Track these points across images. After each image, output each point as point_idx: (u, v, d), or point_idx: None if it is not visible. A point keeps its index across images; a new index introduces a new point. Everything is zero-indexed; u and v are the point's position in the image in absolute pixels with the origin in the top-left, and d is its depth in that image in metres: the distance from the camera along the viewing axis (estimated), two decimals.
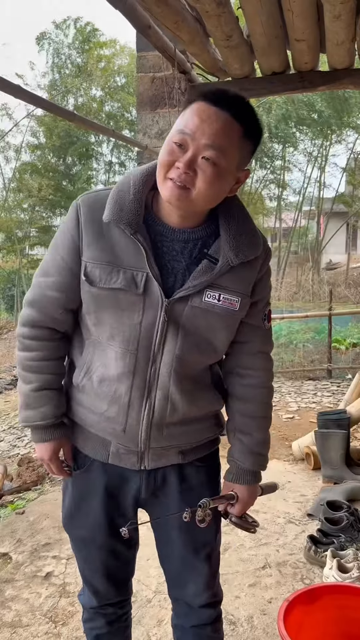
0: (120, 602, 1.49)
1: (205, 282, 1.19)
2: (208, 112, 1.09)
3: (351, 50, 3.05)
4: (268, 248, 1.30)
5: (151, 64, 3.36)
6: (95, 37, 13.82)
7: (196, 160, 1.10)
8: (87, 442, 1.33)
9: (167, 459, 1.31)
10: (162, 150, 1.13)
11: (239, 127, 1.11)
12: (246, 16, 2.64)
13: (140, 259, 1.17)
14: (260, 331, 1.33)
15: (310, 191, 16.11)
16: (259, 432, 1.36)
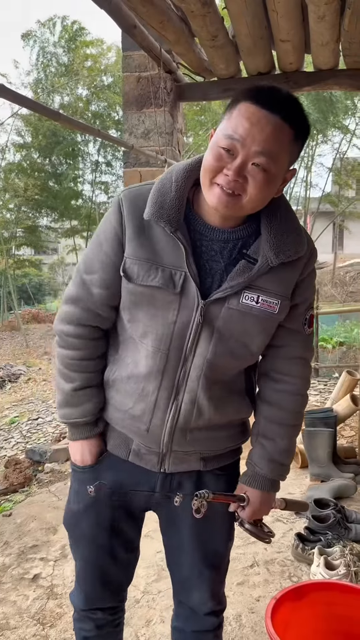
0: (112, 608, 1.44)
1: (243, 283, 1.14)
2: (258, 115, 1.02)
3: (335, 51, 3.08)
4: (313, 247, 1.23)
5: (137, 63, 3.36)
6: (81, 36, 13.75)
7: (246, 166, 1.05)
8: (109, 438, 1.32)
9: (188, 465, 1.28)
10: (208, 154, 1.08)
11: (289, 130, 1.05)
12: (231, 16, 2.65)
13: (179, 258, 1.14)
14: (300, 336, 1.26)
15: (297, 191, 16.19)
16: (284, 440, 1.29)
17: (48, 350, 10.79)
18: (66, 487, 3.42)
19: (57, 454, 4.09)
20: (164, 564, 2.30)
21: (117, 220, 1.18)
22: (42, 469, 3.96)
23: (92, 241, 1.25)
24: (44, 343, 11.91)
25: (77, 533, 1.38)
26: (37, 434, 5.29)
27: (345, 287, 13.99)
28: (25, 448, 4.61)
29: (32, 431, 5.42)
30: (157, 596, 2.21)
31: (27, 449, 4.40)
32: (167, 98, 3.37)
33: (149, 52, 3.07)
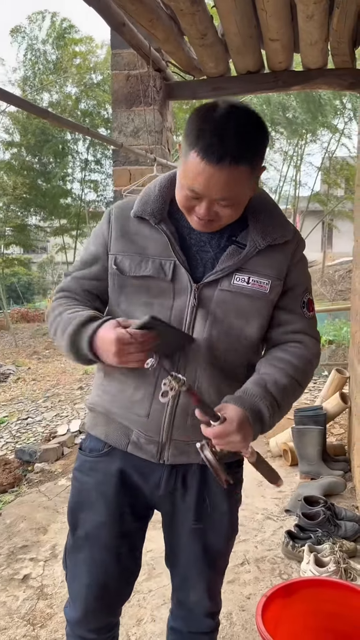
0: (107, 626, 1.40)
1: (234, 265, 1.21)
2: (210, 171, 1.06)
3: (324, 50, 3.08)
4: (300, 237, 1.30)
5: (126, 61, 3.35)
6: (70, 33, 13.65)
7: (213, 206, 1.13)
8: (108, 429, 1.31)
9: (187, 456, 1.27)
10: (179, 192, 1.16)
11: (244, 167, 1.08)
12: (220, 15, 2.64)
13: (166, 248, 1.22)
14: (300, 317, 1.28)
15: (286, 190, 16.23)
16: (280, 374, 1.20)
17: (37, 350, 10.74)
18: (56, 486, 3.42)
19: (46, 454, 4.07)
20: (155, 563, 2.31)
21: (106, 224, 1.29)
22: (31, 469, 3.94)
23: (85, 249, 1.37)
24: (33, 342, 11.85)
25: (79, 532, 1.34)
26: (27, 434, 5.26)
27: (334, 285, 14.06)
28: (15, 448, 4.59)
29: (21, 431, 5.39)
30: (147, 595, 2.21)
31: (16, 449, 4.37)
32: (157, 96, 3.36)
33: (138, 50, 3.06)
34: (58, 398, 6.59)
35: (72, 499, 1.36)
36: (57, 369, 8.65)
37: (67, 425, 5.08)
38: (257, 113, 1.12)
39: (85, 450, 1.36)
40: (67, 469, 3.85)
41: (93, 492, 1.31)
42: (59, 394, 6.78)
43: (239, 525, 1.48)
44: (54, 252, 19.33)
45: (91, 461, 1.33)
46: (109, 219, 1.29)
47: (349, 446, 3.70)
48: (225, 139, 1.05)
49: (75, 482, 1.36)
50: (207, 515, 1.32)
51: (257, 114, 1.12)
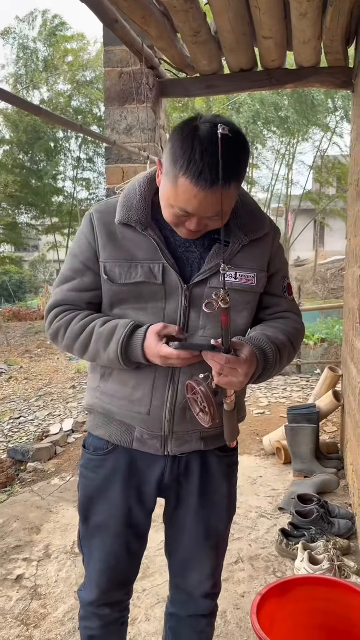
0: (119, 602, 1.48)
1: (220, 263, 1.21)
2: (203, 195, 1.09)
3: (317, 48, 3.08)
4: (275, 226, 1.36)
5: (118, 58, 3.33)
6: (62, 30, 13.59)
7: (204, 221, 1.17)
8: (111, 429, 1.34)
9: (189, 445, 1.32)
10: (166, 209, 1.18)
11: (232, 186, 1.13)
12: (214, 12, 2.63)
13: (154, 252, 1.24)
14: (282, 299, 1.36)
15: (278, 188, 16.28)
16: (280, 336, 1.27)
17: (29, 348, 10.69)
18: (49, 485, 3.40)
19: (39, 453, 4.05)
20: (149, 561, 2.31)
21: (89, 231, 1.28)
22: (24, 468, 3.91)
23: (67, 256, 1.35)
24: (25, 341, 11.80)
25: (91, 523, 1.40)
26: (19, 433, 5.23)
27: (326, 283, 14.12)
28: (7, 447, 4.56)
29: (13, 430, 5.36)
30: (142, 594, 2.21)
31: (8, 448, 4.35)
32: (149, 94, 3.35)
33: (131, 47, 3.04)
34: (50, 397, 6.56)
35: (82, 494, 1.42)
36: (49, 368, 8.62)
37: (59, 424, 5.05)
38: (238, 128, 1.13)
39: (89, 448, 1.40)
40: (60, 468, 3.83)
41: (101, 487, 1.37)
42: (51, 393, 6.76)
43: (233, 523, 1.53)
44: (46, 250, 19.25)
45: (97, 459, 1.38)
46: (91, 224, 1.28)
47: (341, 444, 3.71)
48: (215, 164, 1.05)
49: (83, 479, 1.42)
50: (209, 498, 1.39)
51: (239, 130, 1.13)
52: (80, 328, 1.27)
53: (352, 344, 3.04)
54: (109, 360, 1.25)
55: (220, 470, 1.39)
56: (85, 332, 1.26)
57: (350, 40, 3.12)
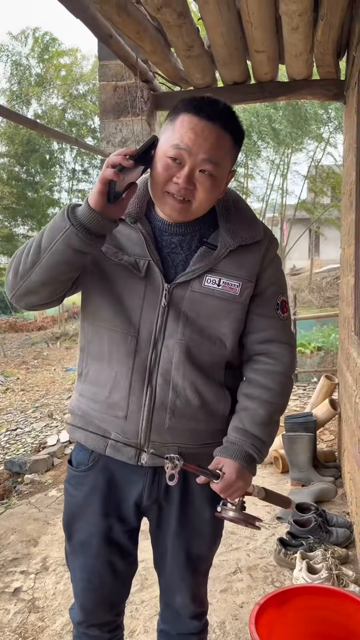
0: (108, 623, 1.43)
1: (205, 266, 1.22)
2: (202, 125, 1.11)
3: (309, 61, 3.13)
4: (272, 235, 1.31)
5: (113, 72, 3.37)
6: (54, 47, 13.74)
7: (194, 173, 1.14)
8: (87, 433, 1.30)
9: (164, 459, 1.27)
10: (156, 166, 1.15)
11: (229, 137, 1.15)
12: (206, 27, 2.68)
13: (142, 248, 1.21)
14: (273, 321, 1.29)
15: (273, 198, 16.37)
16: (260, 412, 1.26)
17: (26, 360, 10.67)
18: (47, 497, 3.39)
19: (36, 465, 4.04)
20: (147, 573, 2.30)
21: None
22: (21, 480, 3.90)
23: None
24: (22, 352, 11.78)
25: (73, 541, 1.37)
26: (16, 445, 5.22)
27: (322, 292, 14.16)
28: (4, 459, 4.55)
29: (10, 442, 5.35)
30: (140, 606, 2.20)
31: (5, 461, 4.34)
32: (144, 107, 3.39)
33: (125, 61, 3.08)
34: (47, 408, 6.55)
35: (65, 511, 1.39)
36: (46, 379, 8.60)
37: (56, 436, 5.05)
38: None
39: (73, 463, 1.37)
40: (58, 479, 3.82)
41: (82, 504, 1.33)
42: (48, 404, 6.75)
43: (231, 533, 1.51)
44: None
45: (79, 475, 1.34)
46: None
47: (339, 452, 3.71)
48: (217, 104, 1.15)
49: (67, 495, 1.39)
50: (190, 524, 1.34)
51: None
52: (29, 241, 1.18)
53: (348, 352, 3.06)
54: (54, 229, 1.11)
55: (202, 496, 1.31)
56: (32, 239, 1.18)
57: (342, 54, 3.17)
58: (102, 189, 1.06)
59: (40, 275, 1.14)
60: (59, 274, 1.15)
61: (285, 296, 1.34)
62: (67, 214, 1.09)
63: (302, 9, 2.38)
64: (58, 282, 1.18)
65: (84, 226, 1.08)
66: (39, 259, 1.13)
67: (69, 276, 1.18)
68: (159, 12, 2.39)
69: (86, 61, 14.27)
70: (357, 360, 2.51)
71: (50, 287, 1.18)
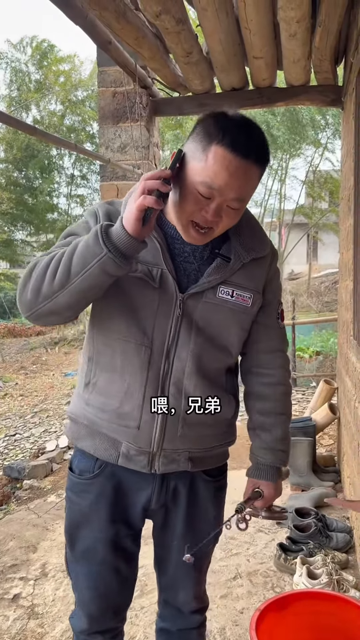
0: (112, 630, 1.43)
1: (220, 278, 1.23)
2: (236, 164, 1.08)
3: (307, 67, 3.15)
4: (274, 248, 1.35)
5: (112, 78, 3.39)
6: (52, 54, 13.82)
7: (222, 208, 1.13)
8: (97, 443, 1.29)
9: (177, 465, 1.29)
10: (186, 196, 1.12)
11: (258, 170, 1.13)
12: (205, 34, 2.69)
13: (155, 255, 1.20)
14: (275, 330, 1.37)
15: (271, 203, 16.40)
16: (278, 428, 1.37)
17: (25, 365, 10.66)
18: (46, 503, 3.38)
19: (35, 470, 4.03)
20: (147, 579, 2.29)
21: (93, 221, 1.23)
22: (20, 485, 3.89)
23: (63, 235, 1.25)
24: (21, 357, 11.76)
25: (77, 549, 1.36)
26: (15, 451, 5.20)
27: (321, 297, 14.17)
28: (3, 465, 4.53)
29: (9, 447, 5.33)
30: (140, 612, 2.19)
31: (4, 466, 4.33)
32: (143, 112, 3.40)
33: (124, 67, 3.10)
34: (46, 413, 6.53)
35: (68, 518, 1.37)
36: (44, 384, 8.59)
37: (55, 441, 5.03)
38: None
39: (75, 471, 1.35)
40: (57, 485, 3.81)
41: (87, 512, 1.32)
42: (47, 410, 6.73)
43: (230, 538, 1.54)
44: None
45: (83, 483, 1.32)
46: (96, 217, 1.23)
47: (338, 457, 3.71)
48: (252, 136, 1.11)
49: (69, 503, 1.37)
50: (196, 524, 1.37)
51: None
52: (49, 259, 1.14)
53: (347, 356, 3.06)
54: (88, 255, 1.07)
55: (208, 496, 1.38)
56: (54, 258, 1.13)
57: (339, 60, 3.19)
58: (140, 216, 1.06)
59: (68, 298, 1.12)
60: (89, 297, 1.15)
61: (282, 306, 1.40)
62: (102, 240, 1.07)
63: (300, 16, 2.40)
64: (85, 304, 1.18)
65: (121, 252, 1.07)
66: (69, 282, 1.10)
67: (95, 298, 1.19)
68: (158, 18, 2.41)
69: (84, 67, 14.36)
70: (356, 365, 2.51)
71: (76, 308, 1.17)
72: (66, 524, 1.38)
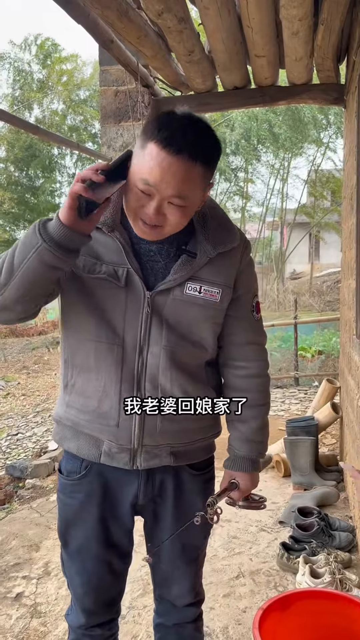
0: (109, 621, 1.46)
1: (186, 275, 1.23)
2: (168, 161, 1.07)
3: (309, 66, 3.14)
4: (246, 239, 1.33)
5: (114, 77, 3.39)
6: (56, 53, 13.83)
7: (163, 205, 1.12)
8: (79, 442, 1.31)
9: (159, 460, 1.30)
10: (129, 193, 1.14)
11: (200, 167, 1.11)
12: (207, 33, 2.69)
13: (120, 256, 1.21)
14: (249, 322, 1.35)
15: (273, 202, 16.43)
16: (255, 420, 1.37)
17: (27, 365, 10.66)
18: (48, 502, 3.38)
19: (38, 470, 4.03)
20: (149, 578, 2.29)
21: None
22: (23, 485, 3.89)
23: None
24: (23, 357, 11.77)
25: (70, 548, 1.39)
26: (17, 450, 5.20)
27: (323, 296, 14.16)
28: (5, 464, 4.54)
29: (11, 447, 5.33)
30: (142, 611, 2.19)
31: (7, 465, 4.33)
32: (145, 112, 3.40)
33: (126, 66, 3.10)
34: (48, 413, 6.54)
35: (60, 519, 1.40)
36: (47, 384, 8.59)
37: None
38: (209, 125, 1.16)
39: (64, 473, 1.37)
40: None
41: (78, 511, 1.35)
42: (49, 409, 6.73)
43: (233, 537, 1.53)
44: None
45: (72, 484, 1.35)
46: None
47: (341, 456, 3.70)
48: (187, 133, 1.08)
49: (60, 504, 1.40)
50: (184, 516, 1.36)
51: (210, 126, 1.16)
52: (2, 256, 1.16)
53: (350, 356, 3.05)
54: (26, 246, 1.09)
55: (194, 488, 1.38)
56: (5, 254, 1.15)
57: (341, 58, 3.18)
58: (72, 204, 1.05)
59: (15, 292, 1.12)
60: (34, 289, 1.14)
61: (258, 298, 1.39)
62: (38, 230, 1.07)
63: (302, 14, 2.39)
64: (33, 298, 1.16)
65: (56, 241, 1.06)
66: (13, 276, 1.10)
67: (43, 292, 1.17)
68: (160, 17, 2.40)
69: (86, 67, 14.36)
70: (359, 364, 2.50)
71: (25, 304, 1.16)
72: (59, 525, 1.40)
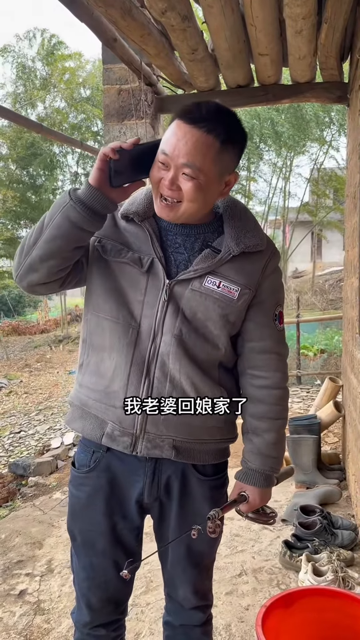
0: (115, 622, 1.45)
1: (207, 267, 1.26)
2: (183, 130, 1.14)
3: (312, 64, 3.14)
4: (274, 248, 1.35)
5: (117, 76, 3.38)
6: (59, 49, 13.81)
7: (178, 177, 1.17)
8: (84, 423, 1.33)
9: (160, 450, 1.29)
10: (153, 169, 1.21)
11: (215, 141, 1.15)
12: (210, 31, 2.69)
13: (147, 245, 1.27)
14: (270, 330, 1.35)
15: (275, 201, 16.38)
16: (270, 433, 1.36)
17: (29, 363, 10.68)
18: (51, 500, 3.40)
19: (40, 467, 4.04)
20: (152, 575, 2.30)
21: None
22: (25, 482, 3.91)
23: None
24: (25, 355, 11.79)
25: (77, 542, 1.40)
26: (20, 448, 5.22)
27: (325, 295, 14.15)
28: (8, 462, 4.55)
29: (14, 445, 5.35)
30: (145, 608, 2.20)
31: (10, 463, 4.34)
32: (148, 110, 3.40)
33: (130, 65, 3.09)
34: (51, 411, 6.55)
35: (69, 512, 1.42)
36: (49, 382, 8.61)
37: (60, 438, 5.05)
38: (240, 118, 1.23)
39: (76, 465, 1.39)
40: (62, 482, 3.82)
41: (85, 505, 1.36)
42: (51, 407, 6.75)
43: (235, 535, 1.53)
44: None
45: (81, 476, 1.37)
46: None
47: (343, 454, 3.71)
48: (208, 111, 1.16)
49: (70, 496, 1.42)
50: (189, 519, 1.35)
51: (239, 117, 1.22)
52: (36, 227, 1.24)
53: (352, 354, 3.05)
54: (56, 206, 1.19)
55: (202, 494, 1.36)
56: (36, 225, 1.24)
57: (345, 56, 3.18)
58: (100, 165, 1.14)
59: (40, 249, 1.19)
60: (57, 248, 1.19)
61: (282, 308, 1.39)
62: (69, 191, 1.18)
63: (305, 12, 2.39)
64: (56, 257, 1.21)
65: (81, 200, 1.15)
66: (41, 234, 1.19)
67: (66, 254, 1.22)
68: (164, 15, 2.40)
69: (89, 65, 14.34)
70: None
71: (48, 262, 1.21)
72: (68, 517, 1.42)
